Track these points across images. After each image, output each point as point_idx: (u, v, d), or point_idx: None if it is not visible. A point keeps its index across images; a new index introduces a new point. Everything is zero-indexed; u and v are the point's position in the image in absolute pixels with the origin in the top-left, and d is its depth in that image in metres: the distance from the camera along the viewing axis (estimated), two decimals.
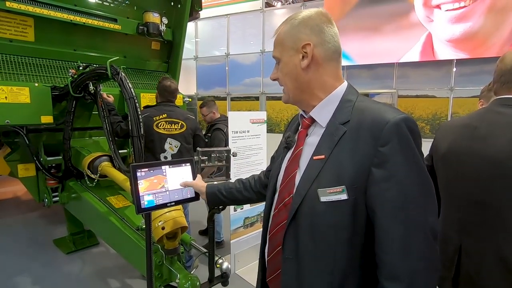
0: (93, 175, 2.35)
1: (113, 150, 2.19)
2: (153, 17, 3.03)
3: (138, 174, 1.14)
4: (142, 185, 1.14)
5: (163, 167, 1.21)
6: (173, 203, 1.22)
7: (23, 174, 2.77)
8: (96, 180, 2.37)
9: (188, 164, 1.27)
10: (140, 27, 3.03)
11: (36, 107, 2.38)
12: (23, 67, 2.56)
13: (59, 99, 2.57)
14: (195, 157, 1.38)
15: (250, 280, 2.75)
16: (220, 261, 1.60)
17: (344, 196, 0.74)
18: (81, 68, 2.36)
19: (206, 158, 1.41)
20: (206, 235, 3.49)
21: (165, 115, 2.53)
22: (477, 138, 1.14)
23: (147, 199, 1.15)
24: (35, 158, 2.66)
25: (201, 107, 3.32)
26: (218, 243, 3.33)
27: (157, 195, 1.17)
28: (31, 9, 2.46)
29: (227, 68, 8.01)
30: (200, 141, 2.77)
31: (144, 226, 1.63)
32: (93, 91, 2.33)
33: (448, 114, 5.80)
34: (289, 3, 8.65)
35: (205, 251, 1.65)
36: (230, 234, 2.87)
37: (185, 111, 2.85)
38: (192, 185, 1.24)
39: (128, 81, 1.93)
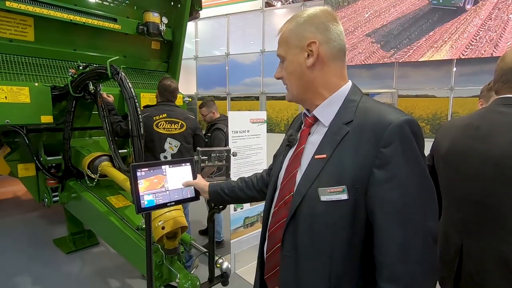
0: (93, 175, 2.35)
1: (113, 150, 2.19)
2: (153, 17, 3.03)
3: (138, 173, 1.14)
4: (142, 185, 1.14)
5: (163, 166, 1.21)
6: (173, 203, 1.22)
7: (23, 174, 2.77)
8: (96, 180, 2.37)
9: (188, 164, 1.27)
10: (140, 26, 3.03)
11: (36, 107, 2.38)
12: (23, 67, 2.56)
13: (59, 99, 2.57)
14: (195, 156, 1.38)
15: (250, 280, 2.73)
16: (220, 261, 1.60)
17: (345, 196, 0.74)
18: (81, 67, 2.36)
19: (206, 158, 1.41)
20: (206, 235, 3.49)
21: (165, 114, 2.53)
22: (478, 137, 1.13)
23: (147, 199, 1.15)
24: (35, 158, 2.66)
25: (200, 107, 3.32)
26: (218, 243, 3.32)
27: (157, 194, 1.17)
28: (31, 8, 2.46)
29: (227, 68, 8.01)
30: (200, 141, 2.77)
31: (144, 226, 1.63)
32: (93, 91, 2.33)
33: (448, 114, 5.80)
34: (289, 3, 8.65)
35: (205, 250, 1.65)
36: (230, 233, 2.87)
37: (185, 110, 2.84)
38: (195, 184, 1.24)
39: (128, 80, 1.94)
